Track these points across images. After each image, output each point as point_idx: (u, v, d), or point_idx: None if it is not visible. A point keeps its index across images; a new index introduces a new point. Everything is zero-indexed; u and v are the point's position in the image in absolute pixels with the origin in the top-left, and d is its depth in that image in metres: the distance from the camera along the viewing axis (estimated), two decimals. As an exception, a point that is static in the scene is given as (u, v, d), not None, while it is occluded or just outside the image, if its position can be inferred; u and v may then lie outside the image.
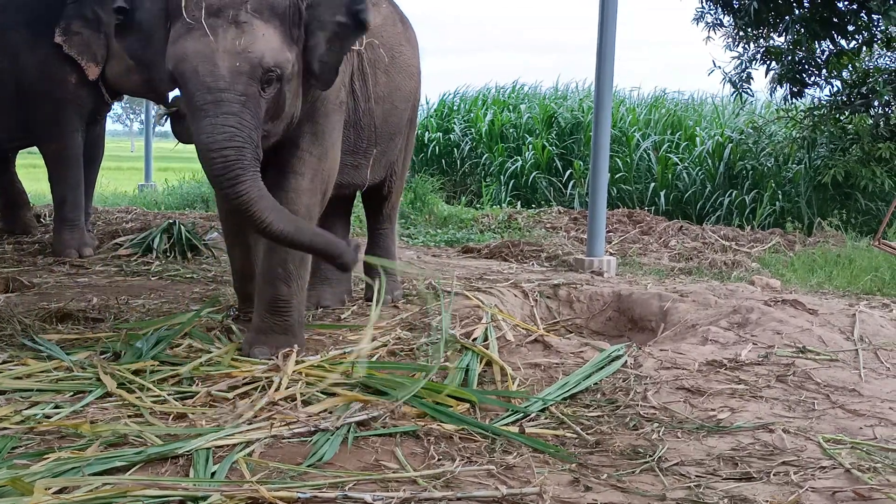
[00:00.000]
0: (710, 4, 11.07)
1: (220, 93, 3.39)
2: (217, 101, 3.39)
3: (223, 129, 3.37)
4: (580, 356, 4.05)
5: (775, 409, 3.41)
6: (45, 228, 7.53)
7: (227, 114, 3.38)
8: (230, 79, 3.40)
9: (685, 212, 11.61)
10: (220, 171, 3.39)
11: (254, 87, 3.45)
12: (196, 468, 2.68)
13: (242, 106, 3.42)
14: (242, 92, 3.42)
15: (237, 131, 3.39)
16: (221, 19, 3.44)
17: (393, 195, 5.14)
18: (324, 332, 4.33)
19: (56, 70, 6.37)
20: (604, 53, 6.95)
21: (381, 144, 4.63)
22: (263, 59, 3.45)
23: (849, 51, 10.92)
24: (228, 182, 3.40)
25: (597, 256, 6.94)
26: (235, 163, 3.38)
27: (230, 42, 3.41)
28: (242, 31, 3.44)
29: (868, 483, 2.71)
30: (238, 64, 3.41)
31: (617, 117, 13.27)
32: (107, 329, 4.28)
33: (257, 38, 3.46)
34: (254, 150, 3.46)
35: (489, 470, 2.78)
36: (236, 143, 3.38)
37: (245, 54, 3.42)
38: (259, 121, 3.50)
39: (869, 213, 10.52)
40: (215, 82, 3.39)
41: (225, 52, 3.40)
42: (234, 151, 3.38)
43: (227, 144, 3.37)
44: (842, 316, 4.54)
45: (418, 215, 10.09)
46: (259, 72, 3.45)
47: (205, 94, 3.39)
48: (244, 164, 3.40)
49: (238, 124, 3.40)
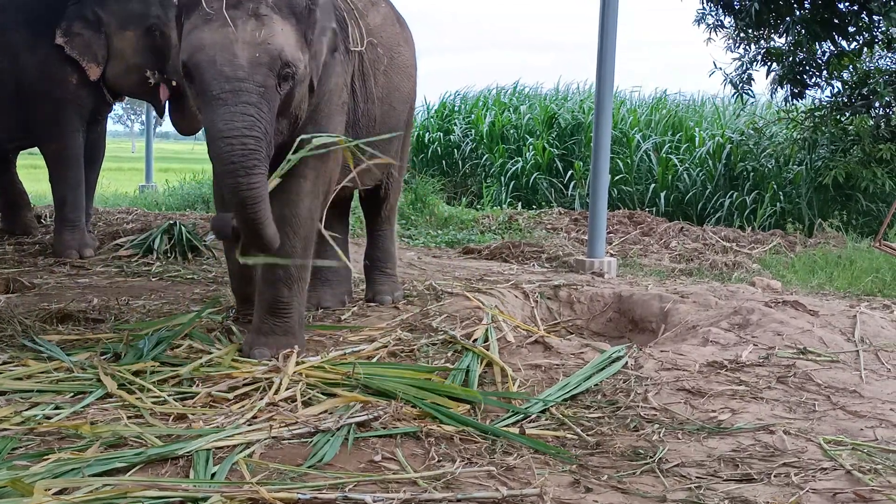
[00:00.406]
0: (711, 6, 11.08)
1: (238, 82, 3.35)
2: (236, 91, 3.35)
3: (243, 117, 3.33)
4: (581, 357, 4.04)
5: (776, 410, 3.41)
6: (46, 229, 7.53)
7: (246, 103, 3.35)
8: (249, 69, 3.37)
9: (686, 213, 11.61)
10: (239, 157, 3.33)
11: (272, 80, 3.43)
12: (196, 469, 2.68)
13: (261, 97, 3.39)
14: (262, 83, 3.39)
15: (256, 121, 3.36)
16: (241, 11, 3.43)
17: (390, 196, 5.12)
18: (324, 332, 4.33)
19: (56, 70, 6.37)
20: (605, 54, 6.96)
21: (378, 146, 4.61)
22: (283, 53, 3.44)
23: (849, 52, 10.92)
24: (245, 171, 3.35)
25: (597, 257, 6.94)
26: (254, 152, 3.35)
27: (249, 33, 3.40)
28: (262, 24, 3.43)
29: (869, 484, 2.70)
30: (258, 55, 3.39)
31: (618, 118, 13.27)
32: (107, 330, 4.28)
33: (276, 32, 3.45)
34: (268, 146, 3.44)
35: (489, 471, 2.77)
36: (256, 133, 3.35)
37: (265, 45, 3.40)
38: (273, 116, 3.47)
39: (870, 215, 10.52)
40: (234, 72, 3.36)
41: (244, 43, 3.38)
42: (253, 141, 3.34)
43: (247, 133, 3.33)
44: (842, 317, 4.53)
45: (419, 216, 10.09)
46: (278, 65, 3.43)
47: (223, 84, 3.35)
48: (261, 157, 3.37)
49: (258, 114, 3.36)
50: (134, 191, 14.93)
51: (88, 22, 6.33)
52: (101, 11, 6.34)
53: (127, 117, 51.74)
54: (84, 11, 6.33)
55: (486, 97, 15.58)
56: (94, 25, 6.34)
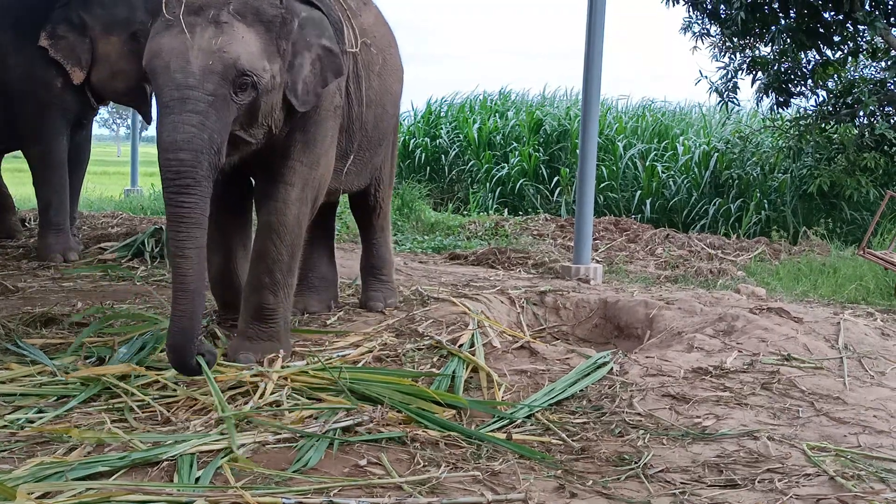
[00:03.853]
0: (698, 14, 11.13)
1: (188, 90, 3.32)
2: (183, 99, 3.32)
3: (184, 128, 3.29)
4: (566, 363, 4.05)
5: (760, 416, 3.42)
6: (31, 232, 7.49)
7: (191, 112, 3.31)
8: (200, 76, 3.33)
9: (671, 220, 11.64)
10: (173, 175, 3.31)
11: (224, 89, 3.37)
12: (180, 473, 2.67)
13: (209, 106, 3.34)
14: (212, 92, 3.34)
15: (198, 132, 3.31)
16: (201, 18, 3.40)
17: (381, 205, 5.06)
18: (310, 337, 4.31)
19: (42, 73, 6.34)
20: (591, 61, 6.96)
21: (370, 150, 4.58)
22: (238, 62, 3.39)
23: (834, 61, 10.99)
24: (176, 188, 3.32)
25: (583, 264, 6.94)
26: (189, 170, 3.30)
27: (206, 40, 3.36)
28: (221, 31, 3.39)
29: (852, 490, 2.72)
30: (211, 62, 3.34)
31: (604, 125, 13.30)
32: (91, 334, 4.25)
33: (235, 40, 3.40)
34: (213, 157, 3.37)
35: (475, 476, 2.77)
36: (195, 146, 3.30)
37: (220, 53, 3.36)
38: (225, 125, 3.41)
39: (854, 223, 10.58)
40: (185, 79, 3.33)
41: (199, 50, 3.35)
42: (190, 155, 3.30)
43: (185, 146, 3.29)
44: (826, 324, 4.56)
45: (405, 222, 10.08)
46: (232, 73, 3.38)
47: (172, 91, 3.33)
48: (197, 175, 3.31)
49: (200, 124, 3.31)
50: (119, 195, 14.84)
51: (73, 25, 6.30)
52: (86, 15, 6.31)
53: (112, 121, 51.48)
54: (69, 15, 6.30)
55: (472, 103, 15.59)
56: (79, 29, 6.31)
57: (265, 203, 3.90)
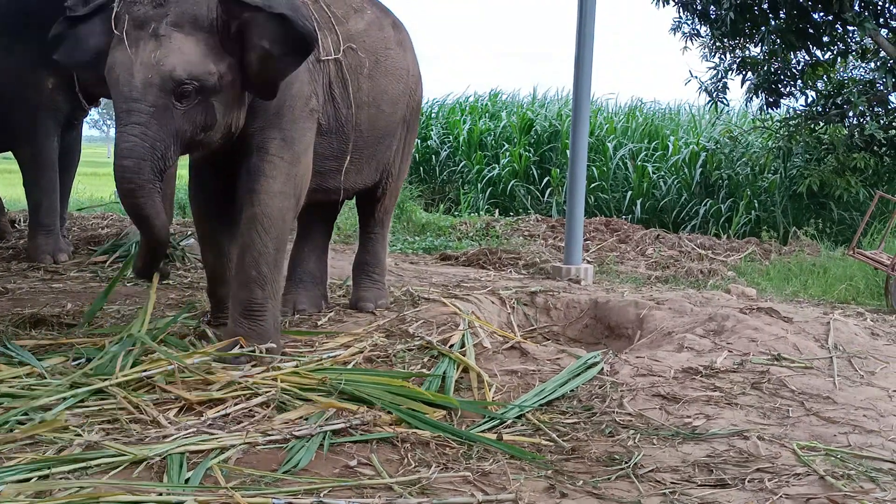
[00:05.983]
0: (688, 15, 11.16)
1: (132, 102, 3.56)
2: (129, 111, 3.57)
3: (128, 138, 3.55)
4: (557, 363, 4.06)
5: (750, 416, 3.43)
6: (20, 234, 7.46)
7: (135, 123, 3.56)
8: (142, 90, 3.56)
9: (662, 220, 11.67)
10: (119, 179, 3.60)
11: (164, 100, 3.58)
12: (170, 474, 2.66)
13: (150, 117, 3.56)
14: (152, 103, 3.56)
15: (140, 142, 3.55)
16: (144, 32, 3.59)
17: (387, 197, 5.09)
18: (300, 338, 4.31)
19: (32, 75, 6.32)
20: (581, 63, 6.98)
21: (368, 149, 4.61)
22: (174, 72, 3.56)
23: (824, 62, 11.04)
24: (123, 192, 3.63)
25: (574, 264, 6.95)
26: (132, 176, 3.57)
27: (147, 54, 3.57)
28: (160, 45, 3.58)
29: (842, 490, 2.73)
30: (150, 76, 3.56)
31: (594, 126, 13.31)
32: (81, 335, 4.24)
33: (172, 52, 3.58)
34: (156, 162, 3.61)
35: (465, 476, 2.78)
36: (137, 154, 3.55)
37: (157, 67, 3.56)
38: (168, 132, 3.61)
39: (843, 223, 10.62)
40: (130, 92, 3.56)
41: (141, 65, 3.56)
42: (133, 163, 3.55)
43: (128, 155, 3.55)
44: (816, 324, 4.57)
45: (396, 222, 10.08)
46: (170, 84, 3.56)
47: (121, 104, 3.59)
48: (139, 180, 3.58)
49: (142, 135, 3.55)
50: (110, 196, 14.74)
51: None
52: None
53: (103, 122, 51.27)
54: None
55: (463, 104, 15.60)
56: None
57: (248, 196, 3.96)
